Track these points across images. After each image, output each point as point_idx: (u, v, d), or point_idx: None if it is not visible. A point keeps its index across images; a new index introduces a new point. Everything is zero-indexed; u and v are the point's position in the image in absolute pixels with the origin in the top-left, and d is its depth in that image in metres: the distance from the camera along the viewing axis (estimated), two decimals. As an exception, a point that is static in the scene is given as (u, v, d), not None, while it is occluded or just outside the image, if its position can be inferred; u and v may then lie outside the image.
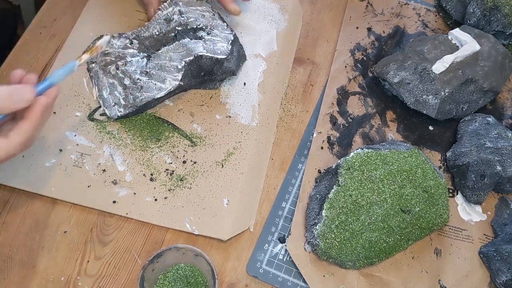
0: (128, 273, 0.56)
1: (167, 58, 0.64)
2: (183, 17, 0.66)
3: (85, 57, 0.55)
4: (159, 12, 0.67)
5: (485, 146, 0.62)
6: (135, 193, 0.60)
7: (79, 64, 0.54)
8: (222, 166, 0.63)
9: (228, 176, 0.62)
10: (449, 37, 0.69)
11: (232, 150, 0.64)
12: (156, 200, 0.60)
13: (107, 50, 0.65)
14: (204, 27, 0.66)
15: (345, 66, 0.73)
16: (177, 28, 0.66)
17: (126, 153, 0.62)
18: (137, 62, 0.64)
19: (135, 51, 0.65)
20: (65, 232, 0.58)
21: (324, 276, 0.57)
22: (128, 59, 0.64)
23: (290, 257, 0.58)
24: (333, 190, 0.57)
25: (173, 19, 0.66)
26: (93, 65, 0.66)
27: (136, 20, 0.73)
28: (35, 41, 0.71)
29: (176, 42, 0.65)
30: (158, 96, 0.63)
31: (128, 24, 0.73)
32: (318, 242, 0.55)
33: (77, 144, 0.62)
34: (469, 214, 0.62)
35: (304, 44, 0.75)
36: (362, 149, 0.60)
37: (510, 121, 0.70)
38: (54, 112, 0.64)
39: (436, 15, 0.79)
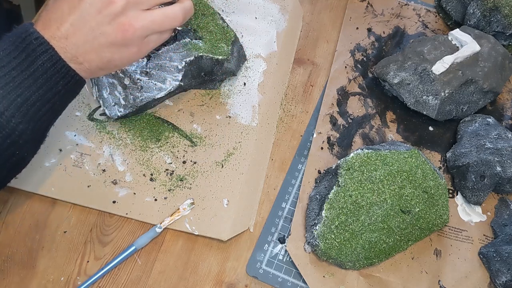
0: (128, 273, 0.56)
1: (167, 58, 0.64)
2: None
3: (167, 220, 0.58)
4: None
5: (485, 147, 0.62)
6: (135, 193, 0.60)
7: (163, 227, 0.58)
8: (222, 166, 0.62)
9: (228, 177, 0.62)
10: (449, 38, 0.69)
11: (232, 151, 0.64)
12: (156, 200, 0.60)
13: None
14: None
15: (345, 67, 0.73)
16: (177, 28, 0.66)
17: (126, 153, 0.62)
18: (137, 62, 0.64)
19: (135, 51, 0.65)
20: (65, 232, 0.58)
21: (324, 276, 0.57)
22: (128, 59, 0.64)
23: (290, 258, 0.58)
24: (333, 191, 0.57)
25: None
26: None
27: (136, 20, 0.73)
28: (35, 41, 0.71)
29: (177, 42, 0.65)
30: (158, 96, 0.63)
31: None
32: (318, 242, 0.55)
33: (77, 144, 0.62)
34: (469, 214, 0.62)
35: (304, 44, 0.75)
36: (362, 149, 0.60)
37: (510, 122, 0.70)
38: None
39: (436, 16, 0.79)
